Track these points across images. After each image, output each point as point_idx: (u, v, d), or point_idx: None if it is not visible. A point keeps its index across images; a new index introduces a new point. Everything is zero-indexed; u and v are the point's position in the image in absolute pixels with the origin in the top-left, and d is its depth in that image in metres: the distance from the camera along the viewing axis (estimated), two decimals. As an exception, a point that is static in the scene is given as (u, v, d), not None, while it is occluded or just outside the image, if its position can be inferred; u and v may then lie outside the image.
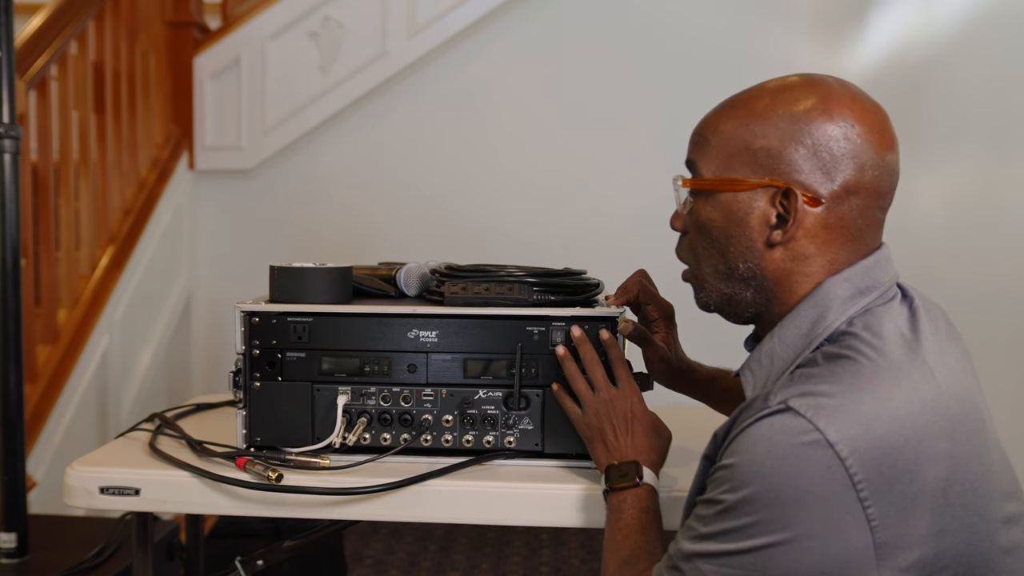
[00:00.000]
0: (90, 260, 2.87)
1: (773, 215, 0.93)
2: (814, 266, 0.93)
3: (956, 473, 0.83)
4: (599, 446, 1.15)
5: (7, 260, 1.78)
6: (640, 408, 1.16)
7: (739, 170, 0.94)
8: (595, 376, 1.17)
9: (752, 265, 0.95)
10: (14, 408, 1.79)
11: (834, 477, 0.79)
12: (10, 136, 1.79)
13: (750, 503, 0.82)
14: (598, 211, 3.36)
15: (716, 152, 0.96)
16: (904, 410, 0.82)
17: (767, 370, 0.95)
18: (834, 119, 0.91)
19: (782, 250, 0.93)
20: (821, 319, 0.92)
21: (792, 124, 0.92)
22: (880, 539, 0.80)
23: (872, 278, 0.93)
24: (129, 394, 3.06)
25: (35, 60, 2.55)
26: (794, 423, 0.81)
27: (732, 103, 0.97)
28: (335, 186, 3.48)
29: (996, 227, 3.29)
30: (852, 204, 0.92)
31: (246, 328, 1.26)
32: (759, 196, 0.93)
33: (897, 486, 0.80)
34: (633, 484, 1.09)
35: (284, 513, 1.21)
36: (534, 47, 3.42)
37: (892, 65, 3.31)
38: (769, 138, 0.92)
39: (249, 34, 3.41)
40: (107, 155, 2.95)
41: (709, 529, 0.86)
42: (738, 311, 1.00)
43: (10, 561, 1.78)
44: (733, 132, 0.95)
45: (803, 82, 0.95)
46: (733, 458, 0.84)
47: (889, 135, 0.94)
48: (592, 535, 3.11)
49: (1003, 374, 3.23)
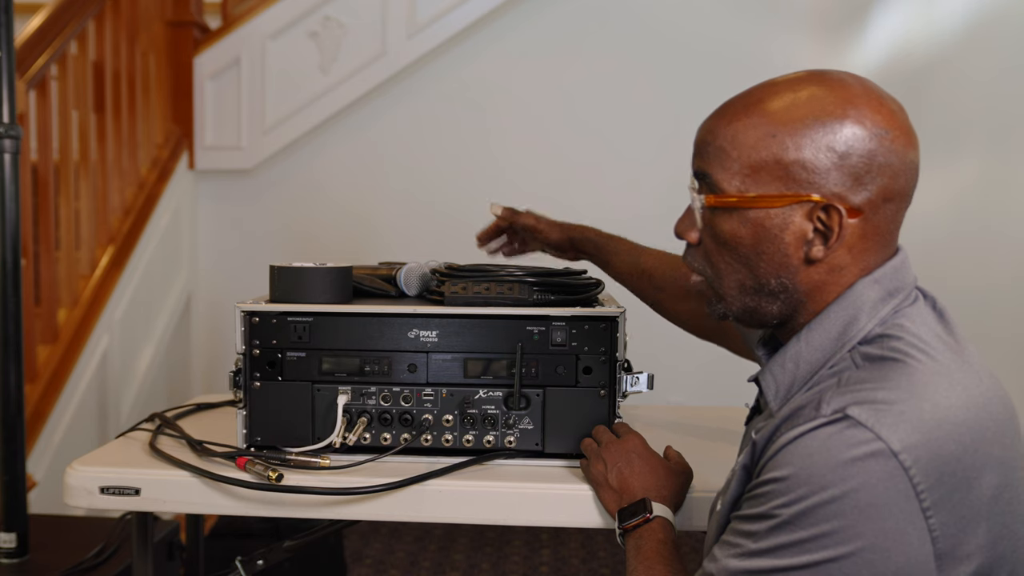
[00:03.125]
0: (90, 260, 2.86)
1: (810, 230, 0.88)
2: (848, 275, 0.90)
3: (1006, 479, 0.82)
4: (606, 491, 1.14)
5: (7, 260, 1.78)
6: (644, 449, 1.17)
7: (770, 185, 0.88)
8: (598, 432, 1.21)
9: (785, 280, 0.91)
10: (14, 408, 1.78)
11: (898, 488, 0.77)
12: (10, 136, 1.78)
13: (809, 516, 0.78)
14: (598, 211, 3.34)
15: (739, 165, 0.89)
16: (962, 416, 0.80)
17: (791, 374, 0.91)
18: (867, 126, 0.86)
19: (819, 264, 0.90)
20: (854, 322, 0.88)
21: (826, 135, 0.86)
22: (941, 549, 0.78)
23: (900, 279, 0.90)
24: (129, 394, 3.06)
25: (35, 60, 2.55)
26: (855, 433, 0.78)
27: (745, 108, 0.91)
28: (335, 186, 3.48)
29: (997, 228, 3.29)
30: (888, 211, 0.89)
31: (246, 328, 1.26)
32: (795, 211, 0.88)
33: (957, 495, 0.78)
34: (644, 520, 1.07)
35: (284, 513, 1.21)
36: (534, 47, 3.42)
37: (893, 65, 3.31)
38: (802, 150, 0.87)
39: (249, 34, 3.41)
40: (107, 155, 2.95)
41: (761, 545, 0.81)
42: (761, 322, 0.96)
43: (10, 561, 1.78)
44: (759, 143, 0.88)
45: (826, 85, 0.89)
46: (786, 469, 0.80)
47: (913, 134, 0.90)
48: (592, 535, 3.11)
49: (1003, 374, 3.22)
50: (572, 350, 1.24)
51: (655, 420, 1.55)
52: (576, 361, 1.24)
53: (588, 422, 1.25)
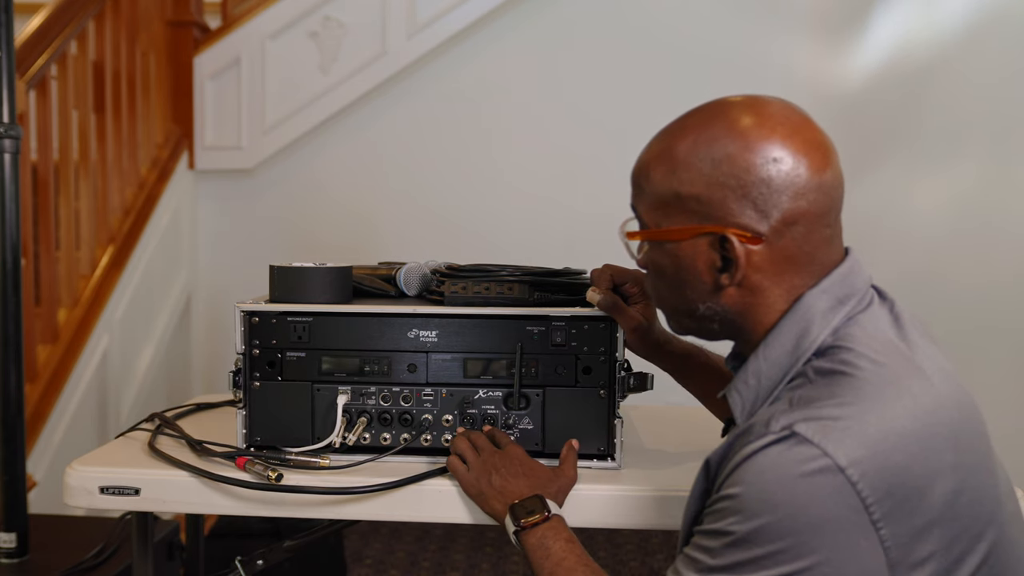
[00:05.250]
0: (90, 260, 2.86)
1: (718, 259, 0.92)
2: (772, 296, 0.92)
3: (963, 484, 0.82)
4: (491, 495, 1.14)
5: (7, 260, 1.78)
6: (526, 457, 1.18)
7: (675, 218, 0.93)
8: (479, 440, 1.20)
9: (711, 305, 0.94)
10: (14, 408, 1.78)
11: (847, 502, 0.78)
12: (10, 136, 1.79)
13: (762, 534, 0.80)
14: (598, 211, 3.34)
15: (651, 200, 0.95)
16: (909, 426, 0.81)
17: (754, 390, 0.93)
18: (760, 154, 0.88)
19: (736, 288, 0.92)
20: (805, 334, 0.90)
21: (715, 168, 0.89)
22: (894, 559, 0.79)
23: (849, 285, 0.92)
24: (129, 394, 3.06)
25: (35, 60, 2.55)
26: (801, 450, 0.80)
27: (659, 145, 0.96)
28: (335, 186, 3.48)
29: (998, 228, 3.29)
30: (795, 233, 0.90)
31: (246, 328, 1.26)
32: (700, 242, 0.92)
33: (907, 505, 0.80)
34: (544, 518, 1.08)
35: (284, 513, 1.21)
36: (534, 47, 3.42)
37: (894, 66, 3.31)
38: (695, 185, 0.91)
39: (249, 34, 3.41)
40: (107, 155, 2.95)
41: (718, 562, 0.83)
42: (710, 338, 1.01)
43: (10, 561, 1.78)
44: (663, 180, 0.93)
45: (725, 115, 0.92)
46: (739, 487, 0.82)
47: (822, 153, 0.90)
48: (592, 535, 3.11)
49: (1004, 374, 3.24)
50: (572, 350, 1.24)
51: (655, 420, 1.56)
52: (576, 361, 1.24)
53: (588, 422, 1.24)
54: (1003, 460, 0.92)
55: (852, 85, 3.31)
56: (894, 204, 3.28)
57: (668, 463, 1.29)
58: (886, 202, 3.26)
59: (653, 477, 1.22)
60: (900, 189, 3.31)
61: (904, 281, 2.28)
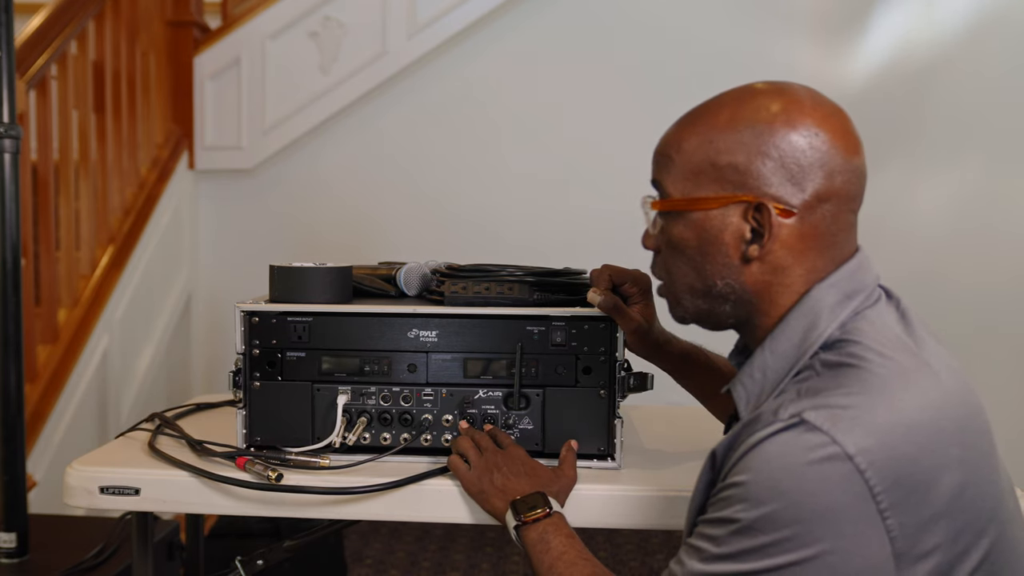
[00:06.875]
0: (90, 260, 2.86)
1: (747, 230, 0.92)
2: (793, 276, 0.92)
3: (968, 477, 0.82)
4: (492, 493, 1.14)
5: (7, 260, 1.78)
6: (528, 457, 1.18)
7: (707, 187, 0.93)
8: (482, 441, 1.20)
9: (731, 281, 0.94)
10: (14, 408, 1.78)
11: (855, 490, 0.78)
12: (10, 136, 1.78)
13: (769, 521, 0.79)
14: (599, 211, 3.35)
15: (681, 170, 0.95)
16: (916, 418, 0.81)
17: (760, 384, 0.94)
18: (798, 128, 0.90)
19: (759, 264, 0.93)
20: (813, 327, 0.90)
21: (756, 137, 0.91)
22: (899, 549, 0.79)
23: (857, 281, 0.92)
24: (129, 394, 3.06)
25: (35, 60, 2.55)
26: (810, 437, 0.79)
27: (692, 118, 0.97)
28: (335, 186, 3.48)
29: (999, 229, 3.29)
30: (825, 211, 0.91)
31: (246, 328, 1.26)
32: (731, 212, 0.92)
33: (914, 496, 0.79)
34: (545, 514, 1.09)
35: (284, 513, 1.21)
36: (534, 47, 3.42)
37: (895, 66, 3.31)
38: (735, 153, 0.92)
39: (249, 34, 3.41)
40: (107, 155, 2.95)
41: (723, 550, 0.83)
42: (717, 324, 1.00)
43: (10, 561, 1.78)
44: (697, 149, 0.94)
45: (763, 91, 0.94)
46: (746, 475, 0.82)
47: (853, 139, 0.93)
48: (592, 535, 3.11)
49: (1005, 374, 3.24)
50: (572, 350, 1.24)
51: (655, 420, 1.56)
52: (576, 361, 1.24)
53: (588, 422, 1.24)
54: (1005, 461, 0.93)
55: (853, 86, 3.31)
56: (895, 205, 3.28)
57: (668, 463, 1.29)
58: (888, 203, 3.26)
59: (653, 477, 1.22)
60: (901, 190, 3.31)
61: (906, 282, 2.28)
